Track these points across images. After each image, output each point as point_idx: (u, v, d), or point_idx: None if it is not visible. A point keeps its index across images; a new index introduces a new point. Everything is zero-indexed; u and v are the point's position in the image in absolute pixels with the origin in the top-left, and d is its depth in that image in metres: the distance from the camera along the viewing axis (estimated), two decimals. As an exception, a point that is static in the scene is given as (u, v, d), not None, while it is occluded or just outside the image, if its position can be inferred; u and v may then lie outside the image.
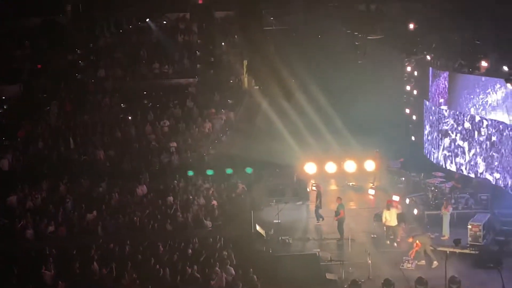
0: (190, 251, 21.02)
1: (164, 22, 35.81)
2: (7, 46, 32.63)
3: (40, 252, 21.16)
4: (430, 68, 26.95)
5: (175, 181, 25.53)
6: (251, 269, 19.71)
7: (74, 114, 30.23)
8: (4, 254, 21.36)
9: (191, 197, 24.39)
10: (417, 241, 20.44)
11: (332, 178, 27.72)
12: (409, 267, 20.47)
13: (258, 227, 22.63)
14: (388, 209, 21.92)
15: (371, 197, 26.08)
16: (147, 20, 35.03)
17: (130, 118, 30.29)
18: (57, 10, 34.80)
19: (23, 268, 20.41)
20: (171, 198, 24.26)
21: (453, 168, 25.82)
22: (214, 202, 24.02)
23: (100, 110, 30.72)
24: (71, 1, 34.56)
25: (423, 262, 20.50)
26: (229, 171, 25.54)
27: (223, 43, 34.82)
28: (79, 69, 33.35)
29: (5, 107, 30.71)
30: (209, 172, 26.04)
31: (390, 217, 21.82)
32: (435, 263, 20.32)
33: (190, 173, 26.07)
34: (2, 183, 25.20)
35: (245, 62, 33.42)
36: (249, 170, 24.97)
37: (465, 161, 25.38)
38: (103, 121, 29.85)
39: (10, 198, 24.11)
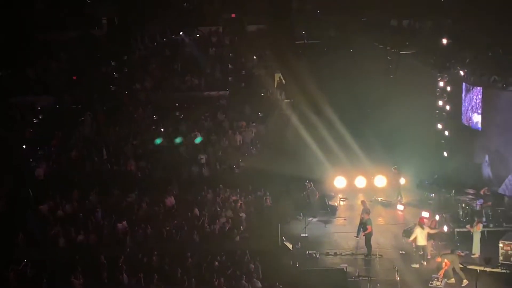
0: (217, 263, 21.08)
1: (197, 35, 36.20)
2: (44, 58, 33.34)
3: (70, 261, 21.47)
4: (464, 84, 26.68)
5: (203, 193, 25.64)
6: (278, 283, 19.69)
7: (108, 125, 30.65)
8: (35, 261, 21.73)
9: (218, 209, 24.48)
10: (446, 260, 20.14)
11: (361, 193, 27.55)
12: (438, 285, 20.18)
13: (285, 241, 22.59)
14: (422, 228, 21.41)
15: (400, 212, 25.83)
16: (181, 33, 35.46)
17: (162, 129, 30.59)
18: (94, 23, 35.53)
19: (53, 276, 20.74)
20: (198, 210, 24.37)
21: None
22: (242, 215, 24.05)
23: (132, 122, 31.10)
24: (107, 15, 35.20)
25: (452, 280, 20.20)
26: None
27: (254, 57, 35.01)
28: (113, 81, 33.85)
29: (40, 117, 31.30)
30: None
31: (421, 236, 21.35)
32: (465, 281, 20.00)
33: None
34: (37, 191, 25.63)
35: (276, 76, 33.54)
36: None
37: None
38: (135, 132, 30.21)
39: (42, 207, 24.51)
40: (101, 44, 34.50)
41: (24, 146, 29.13)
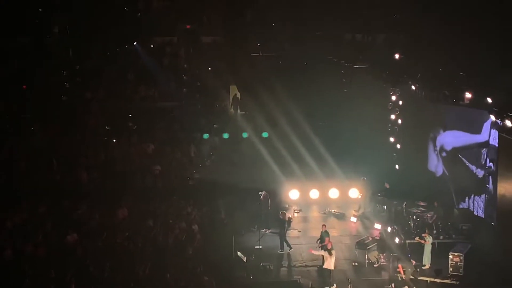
0: (169, 275, 20.78)
1: (151, 45, 35.89)
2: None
3: (17, 273, 20.83)
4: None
5: (156, 204, 25.32)
6: (231, 295, 19.56)
7: (58, 135, 30.00)
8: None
9: (171, 220, 24.20)
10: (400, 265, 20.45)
11: (315, 205, 27.72)
12: (390, 296, 20.43)
13: (239, 252, 22.48)
14: (329, 252, 20.68)
15: (353, 224, 26.08)
16: (135, 43, 35.09)
17: (114, 140, 30.12)
18: (44, 31, 34.76)
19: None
20: (152, 222, 24.03)
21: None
22: (195, 227, 23.82)
23: (84, 132, 30.54)
24: (59, 23, 34.53)
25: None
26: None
27: (209, 68, 34.92)
28: (65, 90, 33.19)
29: (-13, 126, 30.43)
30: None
31: (330, 259, 20.67)
32: None
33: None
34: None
35: (232, 88, 33.53)
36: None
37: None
38: (87, 142, 29.65)
39: (-11, 218, 23.76)
40: (53, 53, 33.79)
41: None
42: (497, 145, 22.30)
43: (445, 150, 26.33)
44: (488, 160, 23.16)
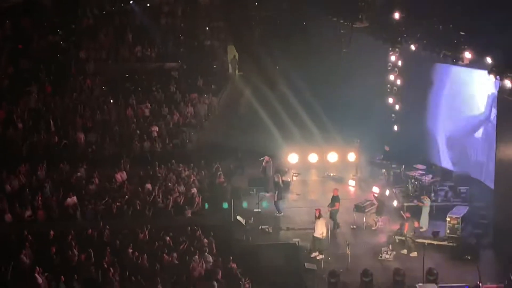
0: (168, 238, 20.93)
1: (148, 4, 35.33)
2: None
3: (18, 237, 20.96)
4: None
5: (156, 168, 25.32)
6: (231, 257, 19.72)
7: (54, 96, 29.79)
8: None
9: (170, 184, 24.23)
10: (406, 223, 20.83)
11: (314, 168, 27.71)
12: (387, 258, 20.64)
13: (238, 216, 22.58)
14: (319, 218, 20.86)
15: (352, 188, 26.14)
16: (131, 2, 34.55)
17: (111, 101, 29.94)
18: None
19: (0, 252, 20.23)
20: (150, 185, 24.08)
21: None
22: (194, 190, 23.88)
23: (81, 93, 30.32)
24: (54, -19, 33.93)
25: (404, 251, 20.81)
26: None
27: (207, 28, 34.47)
28: (60, 50, 32.81)
29: (-17, 88, 30.18)
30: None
31: (320, 228, 20.77)
32: (415, 253, 20.55)
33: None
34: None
35: (229, 48, 33.14)
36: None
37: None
38: (84, 104, 29.47)
39: (-13, 181, 23.79)
40: (48, 12, 33.28)
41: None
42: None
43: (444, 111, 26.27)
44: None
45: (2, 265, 19.27)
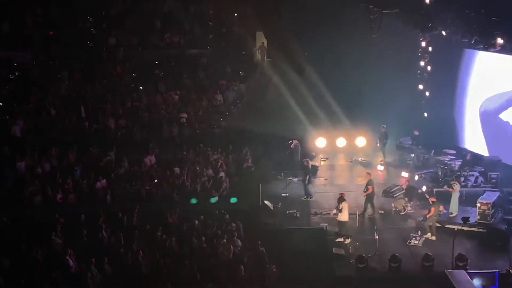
0: (197, 222, 21.08)
1: (176, -9, 35.35)
2: (19, 13, 32.43)
3: (49, 219, 21.31)
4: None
5: (184, 152, 25.47)
6: (259, 242, 19.79)
7: (85, 82, 30.12)
8: (13, 219, 21.55)
9: (198, 168, 24.37)
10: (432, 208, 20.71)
11: (341, 153, 27.61)
12: (416, 243, 20.52)
13: (266, 201, 22.63)
14: (341, 203, 20.91)
15: (380, 172, 25.99)
16: (159, -12, 34.63)
17: (141, 88, 30.15)
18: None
19: (32, 234, 20.60)
20: (179, 169, 24.24)
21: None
22: (222, 174, 23.98)
23: (111, 79, 30.60)
24: (84, -31, 34.15)
25: (433, 237, 20.71)
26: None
27: (235, 14, 34.40)
28: (91, 37, 33.12)
29: (16, 73, 30.62)
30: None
31: (343, 212, 20.89)
32: (433, 237, 20.66)
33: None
34: (13, 149, 25.25)
35: (258, 35, 33.04)
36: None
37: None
38: (114, 90, 29.74)
39: (19, 164, 24.18)
40: (78, -1, 33.59)
41: (0, 103, 28.57)
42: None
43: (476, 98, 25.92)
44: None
45: (34, 248, 19.65)
